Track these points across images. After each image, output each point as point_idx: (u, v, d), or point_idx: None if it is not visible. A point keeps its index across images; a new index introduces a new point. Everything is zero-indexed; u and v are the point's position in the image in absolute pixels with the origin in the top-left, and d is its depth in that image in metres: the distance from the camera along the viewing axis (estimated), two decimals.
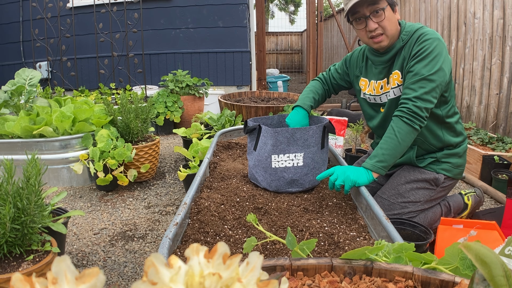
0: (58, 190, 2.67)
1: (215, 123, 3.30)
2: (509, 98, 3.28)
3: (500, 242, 1.54)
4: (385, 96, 1.81)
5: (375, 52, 1.78)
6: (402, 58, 1.70)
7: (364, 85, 1.90)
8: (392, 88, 1.76)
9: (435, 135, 1.81)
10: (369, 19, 1.63)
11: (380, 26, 1.64)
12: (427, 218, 1.88)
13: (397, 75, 1.72)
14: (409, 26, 1.71)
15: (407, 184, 1.86)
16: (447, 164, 1.86)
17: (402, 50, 1.70)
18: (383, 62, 1.77)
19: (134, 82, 5.14)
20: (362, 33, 1.70)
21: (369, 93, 1.88)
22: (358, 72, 1.93)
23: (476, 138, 3.07)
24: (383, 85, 1.80)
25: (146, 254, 1.91)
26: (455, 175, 1.88)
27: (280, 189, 1.59)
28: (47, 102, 2.95)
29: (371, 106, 1.92)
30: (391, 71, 1.76)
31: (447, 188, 1.91)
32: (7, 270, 1.23)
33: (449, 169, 1.87)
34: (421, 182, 1.85)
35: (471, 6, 3.74)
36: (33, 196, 1.26)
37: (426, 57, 1.59)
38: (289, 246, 0.86)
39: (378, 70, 1.81)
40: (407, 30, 1.70)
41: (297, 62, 12.74)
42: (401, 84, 1.71)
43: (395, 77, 1.73)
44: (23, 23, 5.45)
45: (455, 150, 1.87)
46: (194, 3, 5.32)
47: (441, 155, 1.86)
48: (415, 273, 0.69)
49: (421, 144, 1.85)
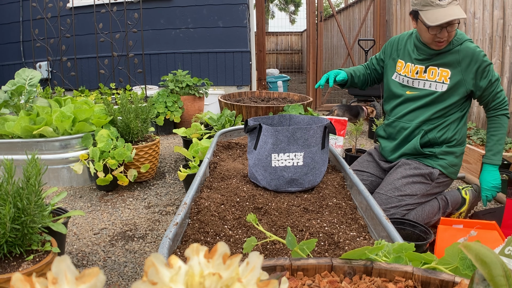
0: (58, 190, 2.67)
1: (215, 123, 3.30)
2: (509, 98, 3.28)
3: (500, 242, 1.54)
4: (418, 82, 1.98)
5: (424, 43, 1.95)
6: (455, 61, 1.89)
7: (400, 67, 2.06)
8: (433, 81, 1.94)
9: (455, 123, 1.97)
10: (445, 29, 1.79)
11: (449, 35, 1.83)
12: (425, 211, 1.91)
13: (446, 72, 1.91)
14: (460, 34, 1.92)
15: (403, 179, 1.95)
16: (444, 161, 1.97)
17: (454, 52, 1.89)
18: (429, 54, 1.93)
19: (134, 82, 5.14)
20: (429, 34, 1.84)
21: (404, 74, 2.03)
22: (395, 54, 2.10)
23: (476, 138, 3.07)
24: (419, 71, 1.97)
25: (146, 254, 1.91)
26: (449, 174, 1.99)
27: (280, 188, 1.59)
28: (47, 102, 2.95)
29: (401, 87, 2.06)
30: (433, 63, 1.93)
31: (441, 184, 2.00)
32: (7, 270, 1.23)
33: (445, 165, 1.97)
34: (416, 177, 1.95)
35: (471, 6, 3.74)
36: (33, 196, 1.26)
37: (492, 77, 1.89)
38: (289, 246, 0.86)
39: (421, 57, 1.97)
40: (458, 37, 1.90)
41: (297, 62, 12.74)
42: (447, 83, 1.90)
43: (444, 74, 1.91)
44: (23, 23, 5.45)
45: (454, 149, 1.99)
46: (194, 3, 5.32)
47: (439, 151, 1.97)
48: (415, 273, 0.69)
49: (429, 131, 1.97)
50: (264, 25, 5.90)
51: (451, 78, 1.90)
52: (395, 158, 2.08)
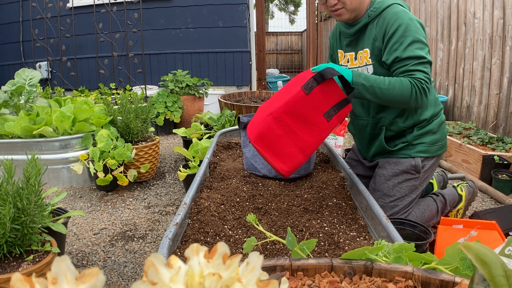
0: (58, 190, 2.67)
1: (215, 123, 3.30)
2: (509, 98, 3.28)
3: (500, 242, 1.54)
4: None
5: (344, 23, 1.78)
6: (372, 37, 1.66)
7: (340, 57, 1.89)
8: (360, 66, 1.75)
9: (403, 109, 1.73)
10: None
11: (340, 1, 1.64)
12: (424, 217, 1.87)
13: (366, 53, 1.70)
14: (378, 3, 1.67)
15: (389, 182, 1.80)
16: (422, 145, 1.77)
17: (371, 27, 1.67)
18: (350, 35, 1.77)
19: (134, 82, 5.14)
20: (324, 7, 1.72)
21: (345, 64, 1.86)
22: (335, 43, 1.94)
23: (476, 138, 3.07)
24: (350, 59, 1.80)
25: (146, 254, 1.91)
26: (434, 153, 1.79)
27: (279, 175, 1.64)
28: (47, 102, 2.95)
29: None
30: (358, 47, 1.76)
31: (430, 169, 1.82)
32: (7, 270, 1.23)
33: (425, 149, 1.77)
34: (401, 175, 1.79)
35: (471, 6, 3.74)
36: (33, 196, 1.26)
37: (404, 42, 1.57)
38: (289, 246, 0.86)
39: (346, 42, 1.82)
40: (376, 6, 1.66)
41: (297, 62, 12.73)
42: (370, 63, 1.70)
43: (364, 55, 1.71)
44: (23, 23, 5.45)
45: (428, 127, 1.77)
46: (194, 3, 5.32)
47: (412, 138, 1.76)
48: (415, 273, 0.69)
49: (389, 126, 1.78)
50: (264, 25, 5.90)
51: (371, 57, 1.69)
52: (372, 157, 1.94)
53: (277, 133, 1.39)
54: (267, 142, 1.41)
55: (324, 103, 1.41)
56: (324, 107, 1.41)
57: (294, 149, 1.41)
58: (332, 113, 1.42)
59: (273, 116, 1.39)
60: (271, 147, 1.42)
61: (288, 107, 1.38)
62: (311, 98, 1.39)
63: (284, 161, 1.43)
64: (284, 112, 1.39)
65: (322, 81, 1.40)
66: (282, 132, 1.40)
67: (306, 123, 1.40)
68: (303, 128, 1.41)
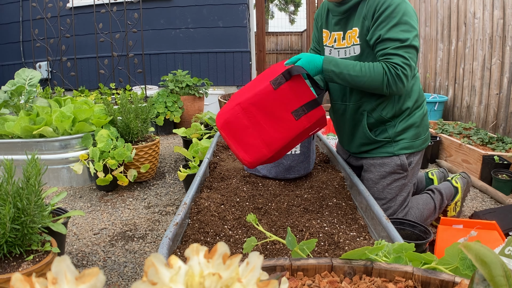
0: (58, 190, 2.67)
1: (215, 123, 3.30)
2: (509, 98, 3.28)
3: (500, 242, 1.54)
4: (337, 51, 1.75)
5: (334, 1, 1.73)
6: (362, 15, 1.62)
7: (326, 37, 1.83)
8: (348, 46, 1.70)
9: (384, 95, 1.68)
10: None
11: None
12: (423, 215, 1.87)
13: (355, 32, 1.65)
14: None
15: (377, 185, 1.77)
16: (404, 141, 1.73)
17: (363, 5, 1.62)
18: (339, 13, 1.70)
19: (134, 82, 5.14)
20: None
21: (330, 45, 1.80)
22: (320, 23, 1.87)
23: (476, 138, 3.07)
24: (337, 38, 1.75)
25: (146, 254, 1.91)
26: (418, 148, 1.75)
27: (279, 175, 1.65)
28: (47, 102, 2.95)
29: None
30: (348, 26, 1.70)
31: (416, 164, 1.79)
32: (7, 270, 1.23)
33: (408, 145, 1.73)
34: (388, 177, 1.75)
35: (471, 6, 3.74)
36: (33, 196, 1.26)
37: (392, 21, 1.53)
38: (289, 246, 0.86)
39: (334, 21, 1.76)
40: None
41: None
42: (357, 43, 1.65)
43: (353, 34, 1.66)
44: (23, 23, 5.45)
45: (410, 121, 1.73)
46: (194, 3, 5.32)
47: (394, 134, 1.73)
48: (415, 273, 0.69)
49: (371, 112, 1.73)
50: (264, 25, 5.90)
51: (359, 36, 1.64)
52: (356, 149, 1.86)
53: (243, 123, 1.42)
54: (232, 130, 1.43)
55: (292, 100, 1.43)
56: (292, 105, 1.43)
57: (258, 141, 1.42)
58: (301, 112, 1.43)
59: (241, 107, 1.41)
60: (236, 135, 1.44)
61: (255, 99, 1.41)
62: (279, 94, 1.41)
63: (247, 151, 1.44)
64: (251, 104, 1.41)
65: (289, 78, 1.41)
66: (248, 123, 1.42)
67: (273, 118, 1.42)
68: (270, 122, 1.42)
